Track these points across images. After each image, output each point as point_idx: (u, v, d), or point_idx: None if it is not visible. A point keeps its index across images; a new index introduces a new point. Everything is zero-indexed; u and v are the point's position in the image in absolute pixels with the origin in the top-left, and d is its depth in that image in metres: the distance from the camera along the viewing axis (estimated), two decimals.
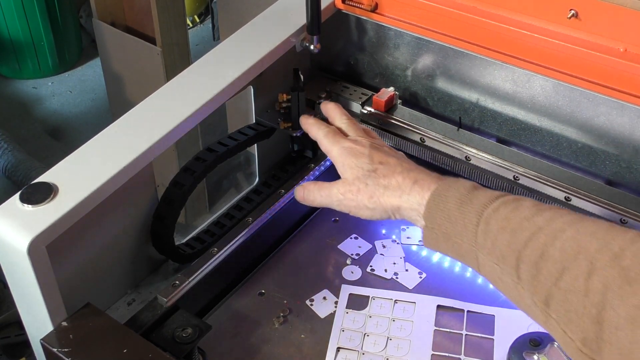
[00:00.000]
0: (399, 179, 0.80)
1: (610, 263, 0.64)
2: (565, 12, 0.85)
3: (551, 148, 0.96)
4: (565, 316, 0.66)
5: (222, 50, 0.97)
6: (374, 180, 0.81)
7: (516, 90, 0.95)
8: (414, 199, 0.78)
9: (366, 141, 0.85)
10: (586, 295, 0.64)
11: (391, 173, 0.80)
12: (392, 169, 0.81)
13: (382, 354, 0.89)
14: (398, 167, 0.81)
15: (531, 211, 0.72)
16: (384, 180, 0.80)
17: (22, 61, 2.71)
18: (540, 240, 0.69)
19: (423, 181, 0.78)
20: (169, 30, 1.86)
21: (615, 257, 0.65)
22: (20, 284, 0.80)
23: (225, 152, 0.94)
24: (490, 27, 0.91)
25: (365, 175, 0.81)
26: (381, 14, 1.01)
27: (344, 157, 0.84)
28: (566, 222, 0.70)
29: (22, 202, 0.77)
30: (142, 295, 0.93)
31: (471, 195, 0.75)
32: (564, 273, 0.66)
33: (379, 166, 0.81)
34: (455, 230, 0.75)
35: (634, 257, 0.64)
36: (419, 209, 0.78)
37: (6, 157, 2.22)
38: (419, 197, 0.78)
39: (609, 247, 0.66)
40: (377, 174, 0.81)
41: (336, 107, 0.93)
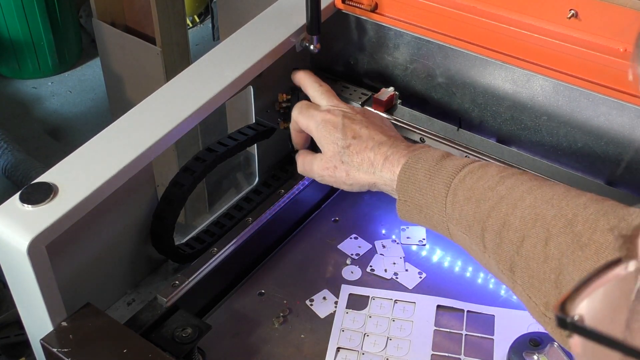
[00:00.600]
0: (370, 155, 0.83)
1: (564, 229, 0.68)
2: (565, 12, 0.85)
3: (551, 148, 0.96)
4: (529, 282, 0.69)
5: (222, 50, 0.97)
6: (348, 158, 0.84)
7: (516, 90, 0.95)
8: (386, 175, 0.82)
9: (339, 110, 0.87)
10: (545, 262, 0.68)
11: (363, 149, 0.83)
12: (364, 144, 0.84)
13: (382, 354, 0.89)
14: (370, 142, 0.84)
15: (494, 180, 0.75)
16: (357, 158, 0.84)
17: (22, 61, 2.70)
18: (502, 210, 0.72)
19: (393, 156, 0.82)
20: (168, 30, 1.86)
21: (568, 224, 0.68)
22: (20, 283, 0.80)
23: (225, 152, 0.94)
24: (490, 27, 0.91)
25: (340, 152, 0.84)
26: (381, 14, 1.01)
27: (320, 132, 0.86)
28: (526, 190, 0.73)
29: (22, 202, 0.77)
30: (141, 295, 0.93)
31: (439, 166, 0.78)
32: (524, 241, 0.70)
33: (352, 141, 0.84)
34: (426, 201, 0.78)
35: (585, 222, 0.67)
36: (392, 184, 0.81)
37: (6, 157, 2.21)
38: (390, 173, 0.81)
39: (562, 214, 0.69)
40: (350, 150, 0.84)
41: (308, 75, 0.96)
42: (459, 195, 0.75)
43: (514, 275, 0.71)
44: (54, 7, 2.61)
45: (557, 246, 0.68)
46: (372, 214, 1.08)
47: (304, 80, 0.95)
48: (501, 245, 0.72)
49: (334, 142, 0.85)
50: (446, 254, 1.02)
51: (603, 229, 0.66)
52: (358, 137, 0.84)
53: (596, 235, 0.66)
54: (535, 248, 0.69)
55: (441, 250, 1.02)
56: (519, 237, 0.70)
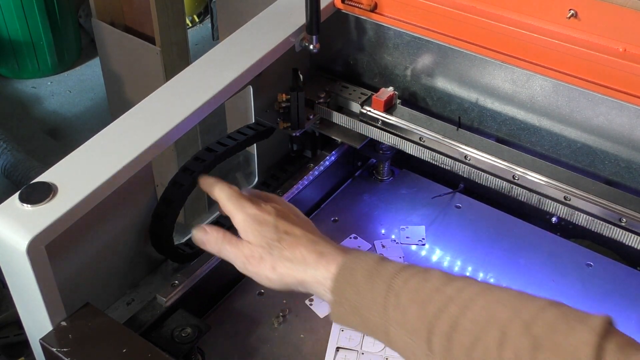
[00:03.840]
0: (303, 251, 0.76)
1: (521, 332, 0.64)
2: (565, 12, 0.85)
3: (550, 148, 0.96)
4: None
5: (222, 50, 0.97)
6: (278, 252, 0.77)
7: (515, 90, 0.95)
8: (319, 273, 0.75)
9: (272, 208, 0.80)
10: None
11: (296, 244, 0.77)
12: (297, 240, 0.77)
13: (382, 353, 0.89)
14: (303, 239, 0.78)
15: (441, 281, 0.71)
16: (288, 252, 0.77)
17: (21, 61, 2.70)
18: (452, 311, 0.68)
19: (329, 255, 0.75)
20: (168, 30, 1.86)
21: (526, 326, 0.65)
22: (19, 283, 0.80)
23: (224, 152, 0.94)
24: (489, 27, 0.91)
25: (270, 245, 0.77)
26: (380, 14, 1.01)
27: (248, 224, 0.79)
28: (476, 292, 0.69)
29: (22, 201, 0.77)
30: (141, 295, 0.93)
31: (379, 267, 0.73)
32: (476, 344, 0.66)
33: (284, 236, 0.78)
34: (363, 303, 0.72)
35: (544, 325, 0.64)
36: (325, 283, 0.74)
37: (5, 156, 2.21)
38: (324, 271, 0.74)
39: (519, 316, 0.66)
40: (282, 244, 0.77)
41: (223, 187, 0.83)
42: (403, 297, 0.70)
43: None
44: (54, 7, 2.61)
45: (513, 349, 0.64)
46: (372, 214, 1.08)
47: (220, 194, 0.83)
48: (451, 349, 0.67)
49: (264, 235, 0.78)
50: (445, 254, 1.02)
51: (564, 331, 0.64)
52: (291, 233, 0.78)
53: (557, 338, 0.63)
54: (489, 351, 0.65)
55: (440, 250, 1.02)
56: (471, 340, 0.66)
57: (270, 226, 0.78)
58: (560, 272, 0.99)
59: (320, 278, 0.74)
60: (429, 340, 0.68)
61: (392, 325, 0.71)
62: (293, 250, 0.76)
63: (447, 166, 0.97)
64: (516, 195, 0.93)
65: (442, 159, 0.97)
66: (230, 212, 0.81)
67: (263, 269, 0.77)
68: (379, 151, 1.10)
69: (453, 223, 1.07)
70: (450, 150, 0.96)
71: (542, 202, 0.91)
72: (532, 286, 0.97)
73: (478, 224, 1.06)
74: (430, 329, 0.68)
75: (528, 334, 0.64)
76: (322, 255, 0.75)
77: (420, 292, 0.70)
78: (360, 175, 1.15)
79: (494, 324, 0.66)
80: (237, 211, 0.80)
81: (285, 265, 0.76)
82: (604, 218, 0.87)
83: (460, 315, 0.68)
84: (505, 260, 1.01)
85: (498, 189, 0.94)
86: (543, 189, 0.91)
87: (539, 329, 0.64)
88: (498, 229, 1.05)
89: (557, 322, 0.64)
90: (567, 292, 0.96)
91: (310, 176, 1.05)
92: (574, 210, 0.89)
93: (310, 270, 0.75)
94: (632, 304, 0.95)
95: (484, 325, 0.66)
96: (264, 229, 0.78)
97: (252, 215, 0.79)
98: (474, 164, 0.95)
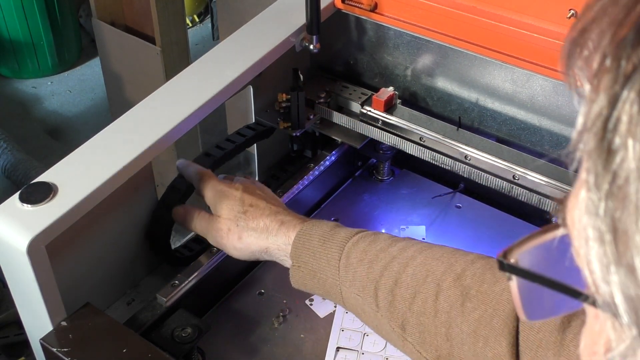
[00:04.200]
0: (266, 221, 0.83)
1: (453, 283, 0.71)
2: (565, 12, 0.85)
3: (551, 148, 0.96)
4: (420, 337, 0.72)
5: (222, 50, 0.97)
6: (244, 222, 0.83)
7: (516, 90, 0.95)
8: (280, 239, 0.82)
9: (239, 185, 0.87)
10: (435, 316, 0.70)
11: (259, 215, 0.83)
12: (261, 212, 0.84)
13: (382, 353, 0.89)
14: (266, 210, 0.84)
15: (386, 242, 0.77)
16: (252, 223, 0.83)
17: (22, 61, 2.70)
18: (394, 269, 0.74)
19: (289, 223, 0.82)
20: (168, 30, 1.86)
21: (457, 278, 0.71)
22: (19, 283, 0.80)
23: (223, 156, 0.94)
24: (490, 27, 0.91)
25: (237, 217, 0.84)
26: (381, 14, 1.01)
27: (217, 199, 0.86)
28: (417, 250, 0.75)
29: (22, 201, 0.77)
30: (141, 294, 0.93)
31: (333, 232, 0.80)
32: (415, 297, 0.72)
33: (249, 208, 0.84)
34: (319, 266, 0.79)
35: (473, 276, 0.71)
36: (286, 249, 0.81)
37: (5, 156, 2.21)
38: (285, 238, 0.81)
39: (452, 269, 0.72)
40: (247, 215, 0.84)
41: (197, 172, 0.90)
42: (352, 258, 0.77)
43: (405, 332, 0.73)
44: (54, 7, 2.61)
45: (446, 299, 0.70)
46: (372, 214, 1.08)
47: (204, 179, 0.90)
48: (393, 302, 0.73)
49: (230, 207, 0.84)
50: None
51: (490, 281, 0.70)
52: (255, 205, 0.84)
53: (483, 287, 0.69)
54: (426, 303, 0.71)
55: None
56: (410, 293, 0.73)
57: (236, 200, 0.85)
58: None
59: (281, 244, 0.82)
60: (376, 296, 0.75)
61: (344, 285, 0.77)
62: (257, 221, 0.83)
63: (448, 166, 0.97)
64: (516, 195, 0.93)
65: (442, 159, 0.97)
66: (202, 191, 0.88)
67: (231, 240, 0.84)
68: (379, 151, 1.10)
69: (453, 223, 1.07)
70: (451, 150, 0.96)
71: (542, 202, 0.91)
72: None
73: (478, 224, 1.06)
74: (376, 286, 0.75)
75: (459, 284, 0.71)
76: (283, 224, 0.82)
77: (368, 252, 0.77)
78: (360, 175, 1.15)
79: (430, 278, 0.73)
80: (208, 189, 0.87)
81: (250, 234, 0.83)
82: None
83: (402, 272, 0.74)
84: None
85: (498, 189, 0.94)
86: (543, 189, 0.90)
87: (469, 280, 0.71)
88: (498, 229, 1.05)
89: (484, 273, 0.71)
90: None
91: (310, 176, 1.05)
92: None
93: (272, 237, 0.82)
94: None
95: (422, 280, 0.73)
96: (231, 202, 0.85)
97: (220, 191, 0.86)
98: (474, 164, 0.95)
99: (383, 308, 0.74)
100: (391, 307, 0.73)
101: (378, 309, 0.75)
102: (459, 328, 0.69)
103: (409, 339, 0.72)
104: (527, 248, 0.36)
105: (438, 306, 0.71)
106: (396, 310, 0.73)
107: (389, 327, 0.74)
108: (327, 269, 0.78)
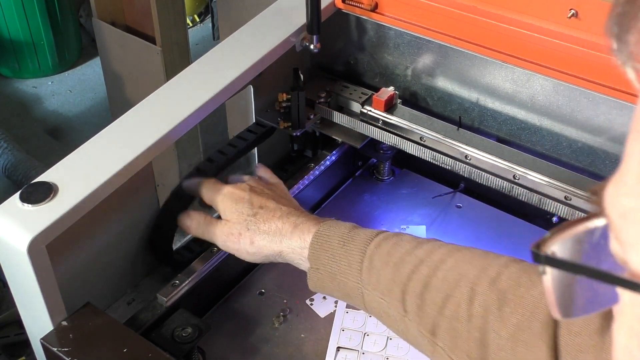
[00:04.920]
0: (278, 224, 0.80)
1: (489, 287, 0.68)
2: (565, 11, 0.85)
3: (551, 148, 0.96)
4: (451, 342, 0.69)
5: (222, 49, 0.97)
6: (254, 226, 0.81)
7: (516, 90, 0.95)
8: (295, 242, 0.79)
9: (245, 185, 0.85)
10: (469, 321, 0.68)
11: (271, 217, 0.81)
12: (272, 214, 0.81)
13: (382, 353, 0.89)
14: (277, 211, 0.81)
15: (411, 245, 0.74)
16: (264, 226, 0.81)
17: (22, 61, 2.70)
18: (423, 272, 0.72)
19: (303, 225, 0.79)
20: (168, 30, 1.86)
21: (492, 282, 0.69)
22: (20, 283, 0.80)
23: (225, 162, 0.94)
24: (490, 27, 0.91)
25: (247, 220, 0.81)
26: (381, 14, 1.01)
27: (225, 203, 0.83)
28: (445, 253, 0.73)
29: (22, 201, 0.77)
30: (141, 294, 0.93)
31: (352, 234, 0.77)
32: (447, 301, 0.70)
33: (259, 210, 0.82)
34: (340, 268, 0.76)
35: (509, 279, 0.68)
36: (302, 252, 0.78)
37: (6, 156, 2.21)
38: (300, 241, 0.78)
39: (486, 273, 0.69)
40: (257, 218, 0.81)
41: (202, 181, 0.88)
42: (376, 261, 0.74)
43: (435, 337, 0.70)
44: (54, 6, 2.61)
45: (481, 304, 0.68)
46: (372, 214, 1.08)
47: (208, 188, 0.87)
48: (423, 307, 0.71)
49: (240, 211, 0.82)
50: None
51: (526, 284, 0.67)
52: (265, 207, 0.82)
53: (520, 291, 0.67)
54: (460, 307, 0.69)
55: None
56: (442, 297, 0.70)
57: (245, 202, 0.82)
58: None
59: (296, 247, 0.79)
60: (403, 300, 0.72)
61: (367, 288, 0.75)
62: (269, 224, 0.80)
63: (448, 166, 0.97)
64: (517, 195, 0.93)
65: (442, 158, 0.97)
66: (210, 198, 0.85)
67: (243, 244, 0.81)
68: (380, 151, 1.10)
69: (454, 223, 1.07)
70: (451, 150, 0.96)
71: (542, 201, 0.91)
72: None
73: (479, 224, 1.06)
74: (403, 290, 0.72)
75: (495, 288, 0.68)
76: (297, 226, 0.79)
77: (393, 255, 0.74)
78: (360, 175, 1.15)
79: (463, 282, 0.70)
80: (215, 194, 0.85)
81: (263, 238, 0.80)
82: None
83: (432, 275, 0.71)
84: None
85: (499, 188, 0.94)
86: (544, 189, 0.90)
87: (504, 283, 0.68)
88: (499, 228, 1.05)
89: (520, 277, 0.68)
90: None
91: (310, 176, 1.05)
92: (574, 210, 0.89)
93: (286, 241, 0.79)
94: None
95: (454, 283, 0.70)
96: (240, 205, 0.82)
97: (227, 195, 0.84)
98: (474, 164, 0.95)
99: (411, 312, 0.72)
100: (420, 311, 0.71)
101: (405, 313, 0.72)
102: (497, 333, 0.67)
103: (440, 344, 0.70)
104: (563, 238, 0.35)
105: (472, 311, 0.68)
106: (426, 314, 0.71)
107: (417, 331, 0.72)
108: (348, 272, 0.76)
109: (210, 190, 0.85)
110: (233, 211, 0.82)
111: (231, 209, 0.82)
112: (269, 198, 0.83)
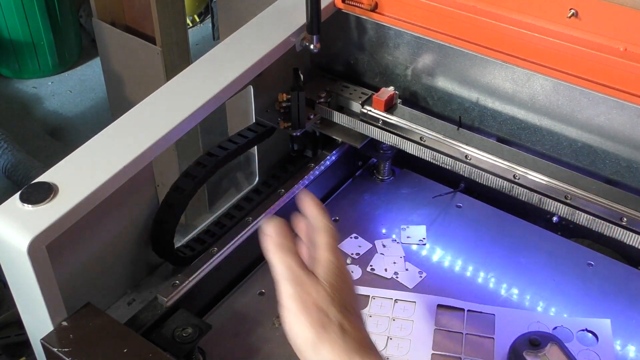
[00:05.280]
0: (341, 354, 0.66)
1: None
2: (565, 11, 0.85)
3: (551, 147, 0.96)
4: None
5: (222, 49, 0.97)
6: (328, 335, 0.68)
7: (516, 90, 0.95)
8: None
9: (322, 296, 0.69)
10: None
11: (335, 345, 0.67)
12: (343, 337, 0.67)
13: (383, 353, 0.89)
14: (343, 345, 0.67)
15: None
16: (325, 350, 0.68)
17: (22, 61, 2.71)
18: None
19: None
20: (168, 30, 1.86)
21: None
22: (20, 283, 0.80)
23: (225, 156, 0.94)
24: (490, 27, 0.91)
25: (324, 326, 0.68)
26: (381, 14, 1.01)
27: (290, 314, 0.70)
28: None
29: (22, 201, 0.77)
30: (142, 295, 0.93)
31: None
32: None
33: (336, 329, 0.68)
34: None
35: None
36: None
37: (6, 156, 2.21)
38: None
39: None
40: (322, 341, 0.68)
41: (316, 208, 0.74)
42: None
43: None
44: (54, 7, 2.61)
45: None
46: (372, 214, 1.08)
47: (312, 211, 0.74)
48: None
49: (299, 334, 0.70)
50: (446, 254, 1.02)
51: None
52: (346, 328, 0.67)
53: None
54: None
55: (441, 250, 1.02)
56: None
57: (307, 328, 0.69)
58: (561, 271, 0.99)
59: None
60: None
61: None
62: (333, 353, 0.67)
63: (448, 166, 0.97)
64: (517, 194, 0.93)
65: (442, 158, 0.97)
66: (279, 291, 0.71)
67: (305, 352, 0.70)
68: (380, 151, 1.10)
69: (454, 223, 1.07)
70: (451, 150, 0.96)
71: (542, 201, 0.91)
72: (533, 286, 0.97)
73: (479, 224, 1.06)
74: None
75: None
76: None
77: None
78: (360, 175, 1.15)
79: None
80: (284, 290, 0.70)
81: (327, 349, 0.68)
82: (605, 217, 0.87)
83: None
84: (506, 259, 1.01)
85: (499, 188, 0.94)
86: (544, 189, 0.90)
87: None
88: (499, 228, 1.05)
89: None
90: (568, 292, 0.96)
91: (310, 176, 1.05)
92: (574, 210, 0.89)
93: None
94: (633, 304, 0.94)
95: None
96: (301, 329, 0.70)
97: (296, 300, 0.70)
98: (474, 164, 0.95)
99: None
100: None
101: None
102: None
103: None
104: None
105: None
106: None
107: None
108: None
109: (291, 283, 0.71)
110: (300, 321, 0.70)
111: (297, 319, 0.70)
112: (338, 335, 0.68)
